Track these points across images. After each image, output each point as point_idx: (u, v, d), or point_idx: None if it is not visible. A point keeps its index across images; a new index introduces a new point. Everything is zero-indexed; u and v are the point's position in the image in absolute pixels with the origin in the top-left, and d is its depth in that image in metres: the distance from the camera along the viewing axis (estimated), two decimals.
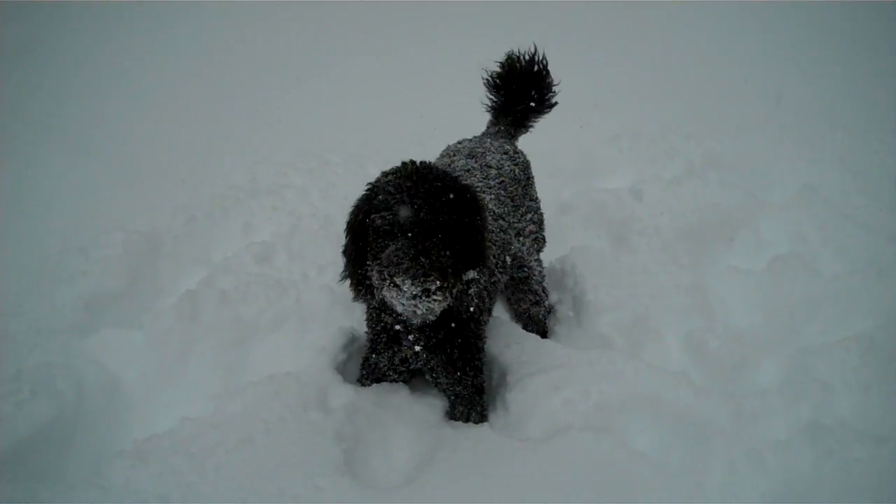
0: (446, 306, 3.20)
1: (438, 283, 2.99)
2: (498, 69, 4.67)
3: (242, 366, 4.17)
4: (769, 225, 5.51)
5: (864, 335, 4.23)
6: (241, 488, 3.21)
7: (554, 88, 4.72)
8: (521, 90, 4.66)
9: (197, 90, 7.99)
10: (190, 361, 4.14)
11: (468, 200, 3.23)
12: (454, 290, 3.14)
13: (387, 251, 3.05)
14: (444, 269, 3.02)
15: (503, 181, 4.12)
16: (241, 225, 5.49)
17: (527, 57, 4.59)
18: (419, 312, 3.15)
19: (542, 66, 4.63)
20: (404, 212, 3.04)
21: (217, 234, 5.40)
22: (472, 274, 3.24)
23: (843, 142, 7.29)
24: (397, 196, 3.08)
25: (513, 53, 4.62)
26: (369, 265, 3.20)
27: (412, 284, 2.95)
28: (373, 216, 3.14)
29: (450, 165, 4.17)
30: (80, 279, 4.63)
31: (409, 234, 3.03)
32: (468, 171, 4.08)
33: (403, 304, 3.08)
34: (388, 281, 3.01)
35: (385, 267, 3.02)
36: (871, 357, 4.08)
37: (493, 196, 3.99)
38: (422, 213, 3.04)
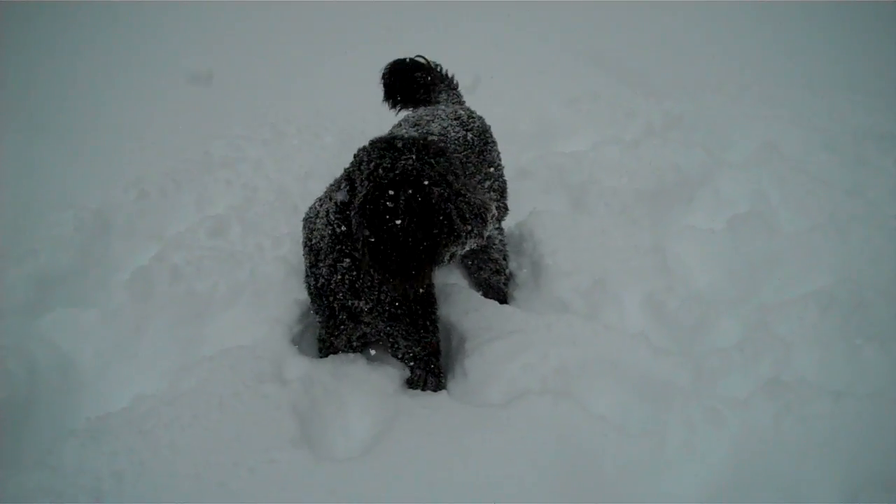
0: None
1: None
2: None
3: (197, 341, 4.10)
4: (729, 184, 5.51)
5: (823, 291, 4.24)
6: (196, 464, 3.16)
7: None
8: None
9: (144, 63, 7.86)
10: (143, 338, 4.08)
11: None
12: None
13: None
14: None
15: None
16: (194, 199, 5.38)
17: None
18: None
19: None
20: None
21: (169, 209, 5.29)
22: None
23: (802, 99, 7.32)
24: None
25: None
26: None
27: None
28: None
29: None
30: (30, 258, 4.52)
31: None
32: None
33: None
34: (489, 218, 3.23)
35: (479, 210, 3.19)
36: (830, 313, 4.09)
37: None
38: None
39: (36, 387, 3.73)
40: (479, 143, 4.26)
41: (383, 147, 3.17)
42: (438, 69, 4.87)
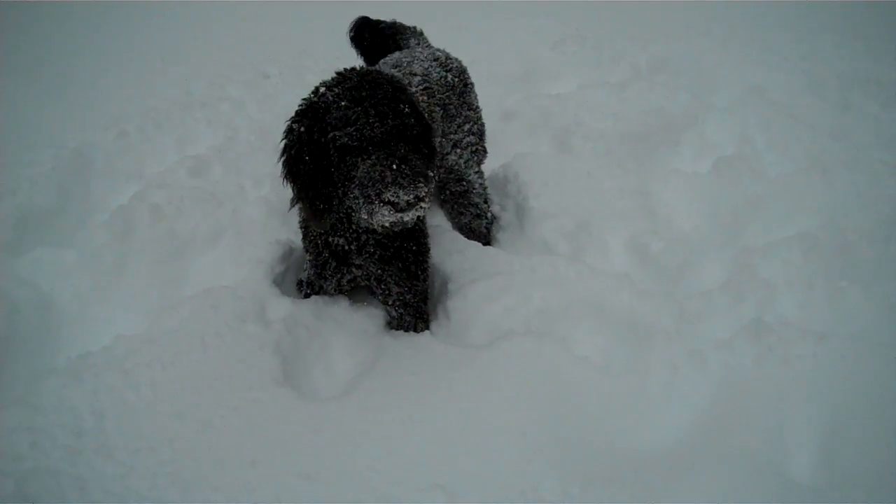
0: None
1: (426, 188, 2.95)
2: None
3: (178, 281, 4.08)
4: (714, 127, 5.48)
5: (807, 234, 4.23)
6: (178, 402, 3.16)
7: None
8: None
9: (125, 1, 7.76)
10: (124, 278, 4.04)
11: (413, 100, 3.17)
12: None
13: (365, 169, 2.98)
14: (425, 173, 2.98)
15: (429, 87, 3.96)
16: (174, 139, 5.34)
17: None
18: (407, 220, 3.05)
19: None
20: (372, 124, 2.97)
21: (150, 148, 5.25)
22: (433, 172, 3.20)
23: (789, 42, 7.28)
24: (358, 109, 2.99)
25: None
26: (338, 187, 3.13)
27: (405, 195, 2.89)
28: (333, 134, 3.03)
29: None
30: (9, 197, 4.47)
31: (383, 147, 2.98)
32: None
33: (392, 219, 3.00)
34: (377, 199, 2.94)
35: (370, 186, 2.94)
36: (813, 255, 4.08)
37: None
38: (389, 122, 2.98)
39: (15, 326, 3.69)
40: (460, 84, 4.25)
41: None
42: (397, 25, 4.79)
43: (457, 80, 4.21)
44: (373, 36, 4.74)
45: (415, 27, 4.78)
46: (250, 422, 3.11)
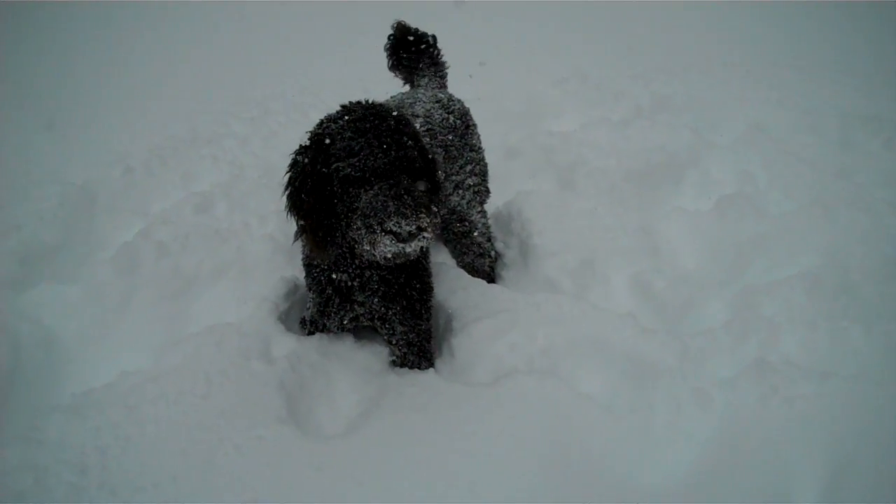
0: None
1: (428, 219, 2.97)
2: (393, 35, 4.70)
3: (183, 318, 4.09)
4: (716, 165, 5.51)
5: (809, 272, 4.24)
6: (181, 440, 3.15)
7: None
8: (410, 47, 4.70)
9: (130, 37, 7.80)
10: (128, 315, 4.05)
11: (416, 134, 3.20)
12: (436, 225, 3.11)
13: (367, 200, 3.00)
14: (427, 205, 3.01)
15: (431, 129, 3.98)
16: (179, 175, 5.37)
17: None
18: (409, 251, 3.04)
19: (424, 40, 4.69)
20: (376, 155, 2.99)
21: (155, 185, 5.28)
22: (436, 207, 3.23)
23: (790, 81, 7.32)
24: (362, 140, 3.01)
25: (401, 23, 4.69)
26: (341, 218, 3.14)
27: (407, 225, 2.90)
28: (337, 165, 3.05)
29: None
30: (15, 233, 4.50)
31: (386, 178, 3.00)
32: None
33: (394, 249, 3.00)
34: (379, 229, 2.95)
35: (373, 216, 2.96)
36: (816, 294, 4.09)
37: None
38: (392, 154, 3.00)
39: (20, 362, 3.70)
40: (462, 126, 4.26)
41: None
42: (438, 54, 4.74)
43: (459, 121, 4.22)
44: (405, 48, 4.70)
45: (443, 64, 4.74)
46: (254, 460, 3.10)
